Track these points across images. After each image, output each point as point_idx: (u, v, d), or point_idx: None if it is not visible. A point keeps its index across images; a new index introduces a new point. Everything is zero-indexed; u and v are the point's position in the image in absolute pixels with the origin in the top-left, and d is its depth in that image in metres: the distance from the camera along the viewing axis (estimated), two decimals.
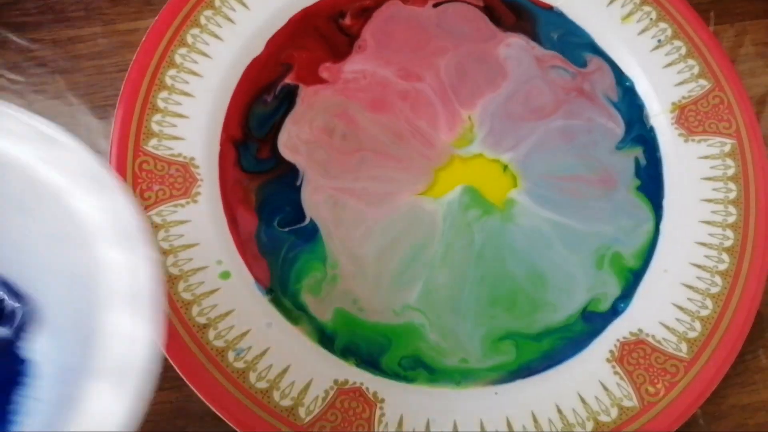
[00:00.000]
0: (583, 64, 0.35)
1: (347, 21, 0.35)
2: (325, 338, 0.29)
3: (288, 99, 0.33)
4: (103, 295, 0.18)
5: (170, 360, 0.27)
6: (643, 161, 0.34)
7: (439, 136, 0.33)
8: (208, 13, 0.33)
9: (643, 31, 0.35)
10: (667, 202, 0.33)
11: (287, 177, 0.32)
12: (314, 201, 0.31)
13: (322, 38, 0.34)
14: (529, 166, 0.33)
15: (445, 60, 0.35)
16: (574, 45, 0.35)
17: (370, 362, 0.29)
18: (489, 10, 0.36)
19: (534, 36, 0.35)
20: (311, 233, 0.31)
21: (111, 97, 0.34)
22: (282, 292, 0.30)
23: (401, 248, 0.31)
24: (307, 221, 0.31)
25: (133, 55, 0.32)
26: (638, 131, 0.34)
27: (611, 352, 0.30)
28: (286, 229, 0.31)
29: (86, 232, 0.19)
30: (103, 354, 0.17)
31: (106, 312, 0.18)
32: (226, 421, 0.27)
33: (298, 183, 0.32)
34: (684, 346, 0.30)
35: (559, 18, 0.36)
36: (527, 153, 0.33)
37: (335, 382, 0.28)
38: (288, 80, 0.33)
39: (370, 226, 0.31)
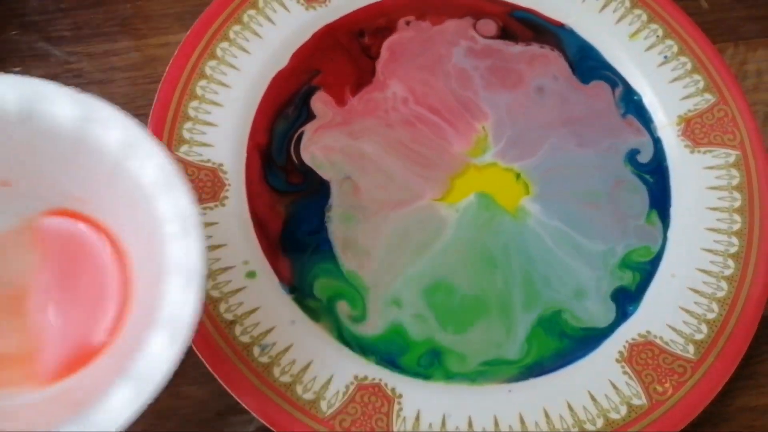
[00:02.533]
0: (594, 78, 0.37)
1: (366, 40, 0.36)
2: (345, 337, 0.31)
3: (308, 110, 0.35)
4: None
5: (199, 355, 0.29)
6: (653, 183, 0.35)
7: (455, 146, 0.35)
8: (237, 28, 0.35)
9: (650, 47, 0.37)
10: (674, 210, 0.34)
11: (317, 196, 0.33)
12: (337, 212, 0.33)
13: (346, 52, 0.36)
14: (541, 175, 0.35)
15: (458, 71, 0.36)
16: (587, 61, 0.37)
17: (389, 360, 0.30)
18: (504, 31, 0.38)
19: (558, 47, 0.37)
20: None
21: (143, 106, 0.35)
22: (304, 292, 0.31)
23: (417, 252, 0.33)
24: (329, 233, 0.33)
25: (164, 68, 0.34)
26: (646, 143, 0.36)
27: (620, 352, 0.31)
28: (310, 235, 0.32)
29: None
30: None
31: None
32: (252, 413, 0.28)
33: (327, 203, 0.33)
34: (691, 348, 0.31)
35: (570, 35, 0.37)
36: (539, 162, 0.35)
37: (355, 377, 0.30)
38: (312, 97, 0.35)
39: (387, 231, 0.33)
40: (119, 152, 0.23)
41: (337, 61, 0.36)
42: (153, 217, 0.23)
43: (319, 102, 0.35)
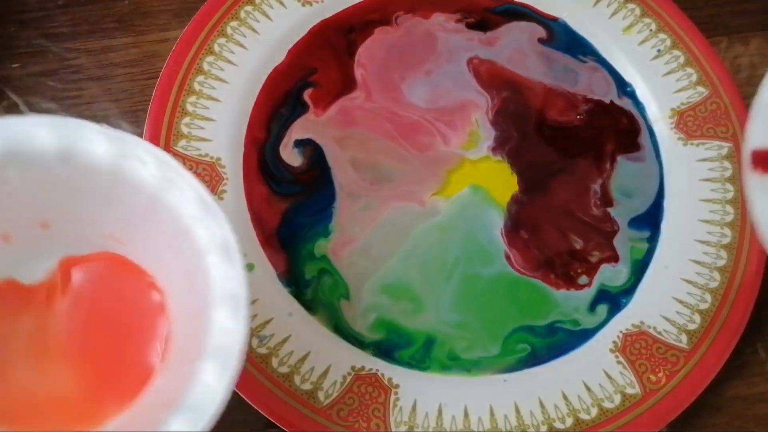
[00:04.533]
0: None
1: (353, 36, 0.37)
2: (341, 328, 0.31)
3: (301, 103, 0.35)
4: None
5: None
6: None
7: (450, 140, 0.35)
8: (234, 24, 0.35)
9: (643, 41, 0.37)
10: (668, 203, 0.35)
11: (314, 190, 0.33)
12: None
13: (335, 51, 0.36)
14: (527, 168, 0.35)
15: (447, 63, 0.37)
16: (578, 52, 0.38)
17: (386, 352, 0.31)
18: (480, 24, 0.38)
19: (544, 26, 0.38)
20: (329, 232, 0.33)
21: (141, 102, 0.36)
22: (302, 284, 0.31)
23: (413, 247, 0.33)
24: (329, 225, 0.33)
25: (161, 64, 0.34)
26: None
27: (614, 342, 0.32)
28: (307, 229, 0.33)
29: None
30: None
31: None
32: (249, 402, 0.29)
33: (324, 197, 0.33)
34: (684, 337, 0.32)
35: (563, 28, 0.38)
36: (526, 155, 0.35)
37: (352, 368, 0.30)
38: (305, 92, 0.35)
39: (384, 225, 0.33)
40: (156, 186, 0.23)
41: (328, 61, 0.36)
42: (193, 248, 0.23)
43: (309, 98, 0.35)
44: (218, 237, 0.22)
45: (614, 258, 0.34)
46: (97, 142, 0.23)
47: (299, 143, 0.34)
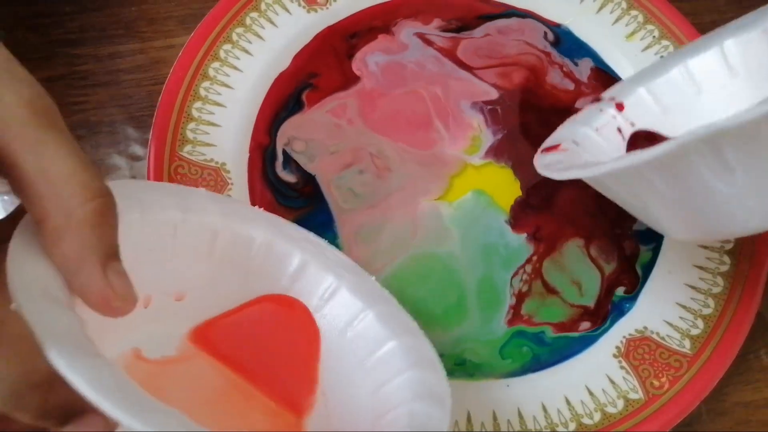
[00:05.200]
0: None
1: (355, 41, 0.37)
2: None
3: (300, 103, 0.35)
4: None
5: None
6: None
7: (453, 144, 0.35)
8: (240, 30, 0.35)
9: (646, 48, 0.37)
10: None
11: (319, 196, 0.34)
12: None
13: (336, 58, 0.36)
14: (528, 174, 0.35)
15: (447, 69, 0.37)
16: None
17: None
18: None
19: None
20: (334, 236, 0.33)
21: (147, 108, 0.36)
22: None
23: (417, 250, 0.33)
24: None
25: (167, 70, 0.34)
26: None
27: (617, 348, 0.32)
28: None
29: None
30: None
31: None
32: None
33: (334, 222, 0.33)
34: (687, 343, 0.32)
35: (566, 34, 0.38)
36: (527, 162, 0.35)
37: None
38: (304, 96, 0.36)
39: (389, 230, 0.33)
40: (293, 276, 0.25)
41: (330, 65, 0.36)
42: None
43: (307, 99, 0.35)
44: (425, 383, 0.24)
45: None
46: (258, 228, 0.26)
47: (286, 161, 0.34)
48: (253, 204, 0.32)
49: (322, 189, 0.33)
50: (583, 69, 0.37)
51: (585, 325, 0.32)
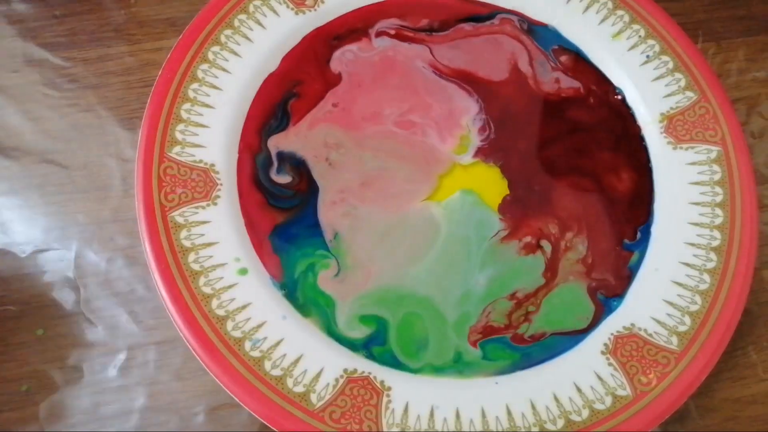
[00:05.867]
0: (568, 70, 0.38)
1: (336, 42, 0.37)
2: (333, 331, 0.31)
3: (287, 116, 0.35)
4: None
5: (192, 349, 0.29)
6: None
7: (442, 144, 0.36)
8: (228, 32, 0.35)
9: (632, 47, 0.38)
10: (657, 206, 0.35)
11: (308, 197, 0.34)
12: (330, 216, 0.34)
13: (317, 61, 0.37)
14: (517, 173, 0.35)
15: (432, 65, 0.37)
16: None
17: (378, 354, 0.31)
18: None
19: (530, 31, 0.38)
20: (322, 237, 0.33)
21: (137, 110, 0.36)
22: (294, 287, 0.32)
23: (407, 249, 0.33)
24: (323, 230, 0.33)
25: (157, 72, 0.34)
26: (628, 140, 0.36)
27: (605, 345, 0.32)
28: (300, 233, 0.33)
29: None
30: None
31: None
32: (244, 405, 0.29)
33: (318, 202, 0.34)
34: (675, 339, 0.32)
35: (553, 34, 0.38)
36: (516, 160, 0.36)
37: (345, 371, 0.30)
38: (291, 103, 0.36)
39: (380, 230, 0.33)
40: None
41: (313, 69, 0.36)
42: None
43: (291, 108, 0.35)
44: None
45: None
46: None
47: (281, 162, 0.34)
48: (243, 206, 0.33)
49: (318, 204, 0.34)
50: (567, 63, 0.38)
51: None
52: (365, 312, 0.32)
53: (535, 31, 0.38)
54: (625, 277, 0.34)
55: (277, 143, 0.34)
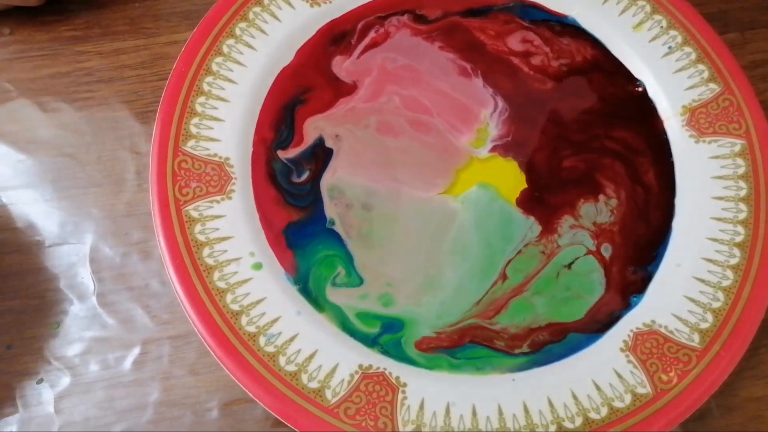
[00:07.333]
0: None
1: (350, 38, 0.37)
2: (348, 326, 0.31)
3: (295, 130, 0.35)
4: None
5: (206, 344, 0.29)
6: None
7: (459, 138, 0.35)
8: (243, 25, 0.35)
9: (654, 38, 0.37)
10: (679, 200, 0.34)
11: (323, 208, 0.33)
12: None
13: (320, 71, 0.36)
14: (535, 166, 0.35)
15: (450, 63, 0.37)
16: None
17: (394, 350, 0.31)
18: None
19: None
20: (337, 232, 0.33)
21: (152, 103, 0.36)
22: (308, 283, 0.31)
23: (425, 242, 0.33)
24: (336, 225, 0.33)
25: (172, 65, 0.34)
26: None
27: (625, 341, 0.31)
28: (316, 228, 0.33)
29: None
30: None
31: None
32: (258, 401, 0.29)
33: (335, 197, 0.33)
34: (696, 337, 0.31)
35: (573, 25, 0.38)
36: (533, 154, 0.35)
37: (360, 366, 0.30)
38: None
39: (395, 226, 0.33)
40: None
41: (320, 85, 0.36)
42: None
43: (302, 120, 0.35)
44: None
45: None
46: None
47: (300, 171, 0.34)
48: (257, 200, 0.32)
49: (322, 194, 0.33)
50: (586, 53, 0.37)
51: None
52: (379, 311, 0.31)
53: (550, 21, 0.38)
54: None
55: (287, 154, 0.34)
